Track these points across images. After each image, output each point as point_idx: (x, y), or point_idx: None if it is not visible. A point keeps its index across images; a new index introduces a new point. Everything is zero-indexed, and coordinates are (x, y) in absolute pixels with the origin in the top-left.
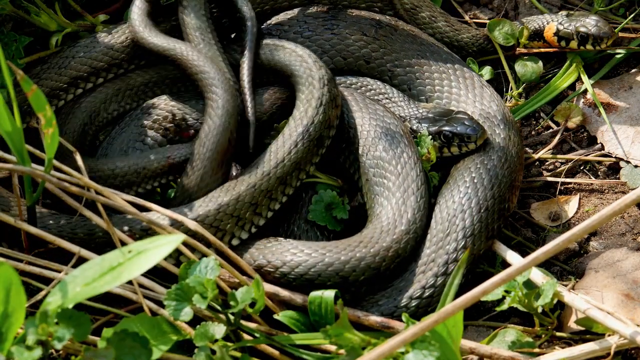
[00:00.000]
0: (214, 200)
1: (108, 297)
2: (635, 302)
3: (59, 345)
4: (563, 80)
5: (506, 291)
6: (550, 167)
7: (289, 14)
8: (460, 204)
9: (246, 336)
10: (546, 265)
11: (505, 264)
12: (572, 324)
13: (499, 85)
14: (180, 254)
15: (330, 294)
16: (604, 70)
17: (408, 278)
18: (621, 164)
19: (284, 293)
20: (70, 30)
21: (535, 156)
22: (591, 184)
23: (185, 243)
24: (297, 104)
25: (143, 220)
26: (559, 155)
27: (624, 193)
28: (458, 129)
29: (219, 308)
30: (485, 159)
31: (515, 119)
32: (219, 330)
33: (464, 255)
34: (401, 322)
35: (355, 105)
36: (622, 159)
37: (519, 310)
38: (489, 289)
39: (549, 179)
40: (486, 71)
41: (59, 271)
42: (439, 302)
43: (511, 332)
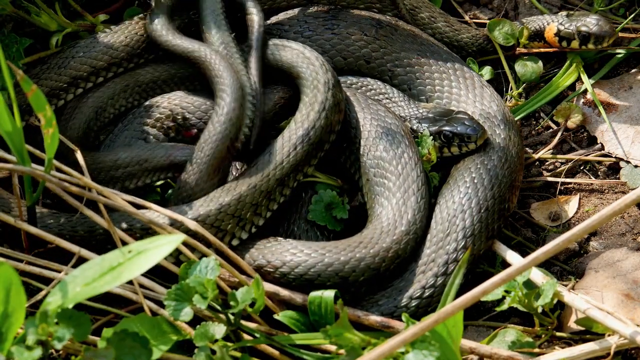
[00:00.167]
0: (215, 200)
1: (108, 297)
2: (635, 302)
3: (59, 345)
4: (563, 80)
5: (506, 291)
6: (550, 167)
7: (289, 14)
8: (461, 204)
9: (246, 336)
10: (546, 265)
11: (505, 264)
12: (572, 324)
13: (499, 85)
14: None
15: (330, 293)
16: (604, 70)
17: (408, 278)
18: (621, 164)
19: (284, 293)
20: (71, 30)
21: (535, 156)
22: (591, 184)
23: (185, 243)
24: (300, 107)
25: (143, 220)
26: (559, 155)
27: (624, 193)
28: (458, 129)
29: (219, 308)
30: (486, 159)
31: (515, 119)
32: (219, 330)
33: (464, 256)
34: (401, 322)
35: (356, 105)
36: (622, 159)
37: (519, 310)
38: (489, 289)
39: (549, 179)
40: (486, 71)
41: (59, 271)
42: (439, 302)
43: (511, 332)
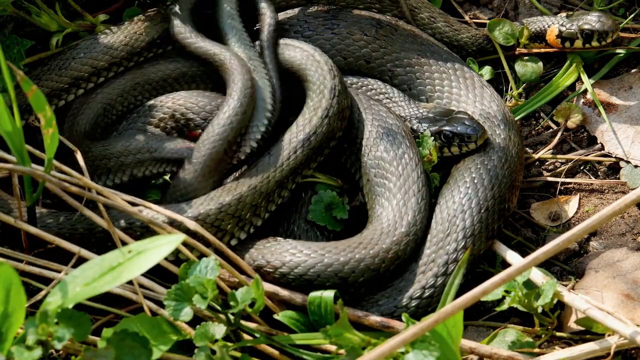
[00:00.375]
0: (215, 200)
1: (108, 297)
2: (635, 302)
3: (59, 345)
4: (563, 80)
5: (506, 291)
6: (550, 167)
7: (289, 14)
8: (461, 204)
9: (246, 336)
10: (546, 265)
11: (505, 264)
12: (572, 324)
13: (499, 85)
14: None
15: (329, 294)
16: (604, 70)
17: (408, 278)
18: (621, 164)
19: (284, 293)
20: (71, 30)
21: (535, 156)
22: (591, 184)
23: (185, 243)
24: (304, 110)
25: (143, 220)
26: (559, 155)
27: (624, 193)
28: (458, 128)
29: (219, 308)
30: (486, 159)
31: (515, 119)
32: (219, 330)
33: (464, 256)
34: (401, 322)
35: (358, 105)
36: (622, 159)
37: (519, 310)
38: (489, 289)
39: (549, 179)
40: (486, 71)
41: (59, 271)
42: (439, 302)
43: (511, 332)
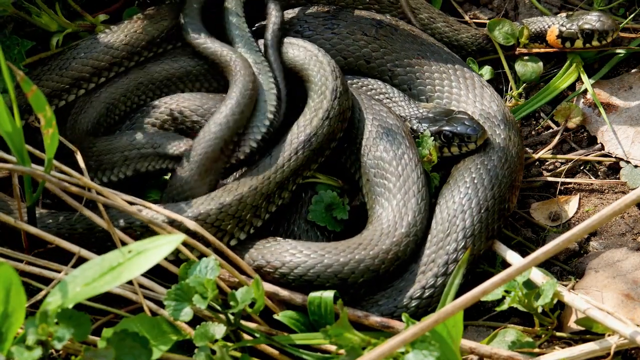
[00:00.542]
0: (216, 200)
1: (108, 297)
2: (635, 302)
3: (59, 345)
4: (563, 80)
5: (506, 291)
6: (550, 167)
7: (289, 14)
8: (461, 204)
9: (246, 336)
10: (546, 265)
11: (505, 264)
12: (572, 324)
13: (499, 85)
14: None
15: (329, 294)
16: (604, 70)
17: (408, 278)
18: (621, 164)
19: (284, 293)
20: (71, 30)
21: (535, 156)
22: (591, 184)
23: (185, 243)
24: (305, 110)
25: (143, 220)
26: (559, 155)
27: (624, 193)
28: (458, 128)
29: (219, 308)
30: (486, 159)
31: (515, 119)
32: (219, 330)
33: (464, 256)
34: (401, 322)
35: (358, 104)
36: (622, 159)
37: (519, 310)
38: (489, 289)
39: (549, 179)
40: (486, 71)
41: (59, 271)
42: (439, 302)
43: (511, 332)
